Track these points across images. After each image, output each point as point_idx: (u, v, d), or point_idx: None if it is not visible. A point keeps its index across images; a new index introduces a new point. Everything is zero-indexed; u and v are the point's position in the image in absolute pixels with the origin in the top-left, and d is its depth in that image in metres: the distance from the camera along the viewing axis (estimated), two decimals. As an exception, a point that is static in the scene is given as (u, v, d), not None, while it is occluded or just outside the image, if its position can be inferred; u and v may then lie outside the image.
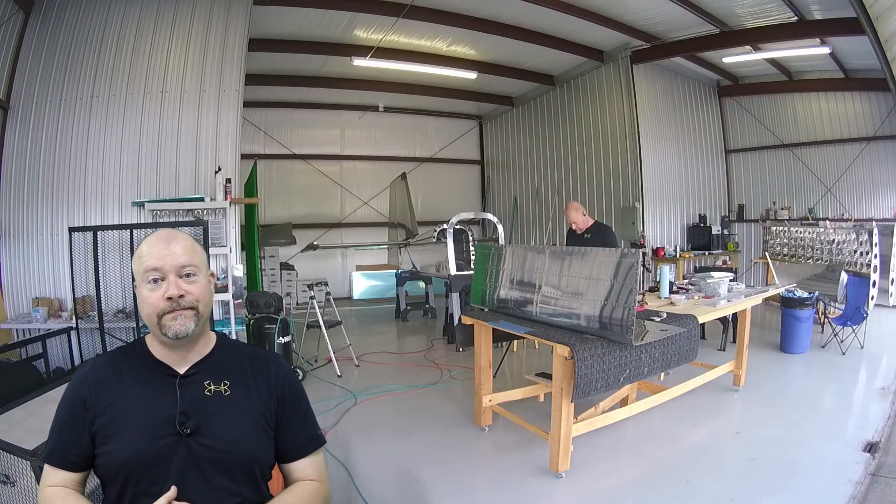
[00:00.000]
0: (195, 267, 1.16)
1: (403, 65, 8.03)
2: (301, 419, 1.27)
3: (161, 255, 1.13)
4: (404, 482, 2.97)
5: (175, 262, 1.13)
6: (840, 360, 4.94)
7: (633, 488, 2.82)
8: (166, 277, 1.12)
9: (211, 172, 4.99)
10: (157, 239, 1.16)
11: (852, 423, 3.60)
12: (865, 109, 8.23)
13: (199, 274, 1.17)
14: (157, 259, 1.12)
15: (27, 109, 4.98)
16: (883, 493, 2.58)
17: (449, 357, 5.70)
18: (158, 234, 1.17)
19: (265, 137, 10.15)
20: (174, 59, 5.21)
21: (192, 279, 1.15)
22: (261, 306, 4.66)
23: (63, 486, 1.11)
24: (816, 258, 6.35)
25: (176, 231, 1.20)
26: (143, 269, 1.13)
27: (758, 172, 9.59)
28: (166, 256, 1.12)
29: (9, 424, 2.36)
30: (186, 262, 1.14)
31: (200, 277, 1.17)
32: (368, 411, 4.13)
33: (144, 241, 1.18)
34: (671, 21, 7.06)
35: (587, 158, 9.16)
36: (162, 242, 1.14)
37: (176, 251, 1.14)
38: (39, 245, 4.93)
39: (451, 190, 11.64)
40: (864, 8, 4.46)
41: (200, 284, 1.16)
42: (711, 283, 4.20)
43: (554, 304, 3.09)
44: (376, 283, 10.17)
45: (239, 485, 1.14)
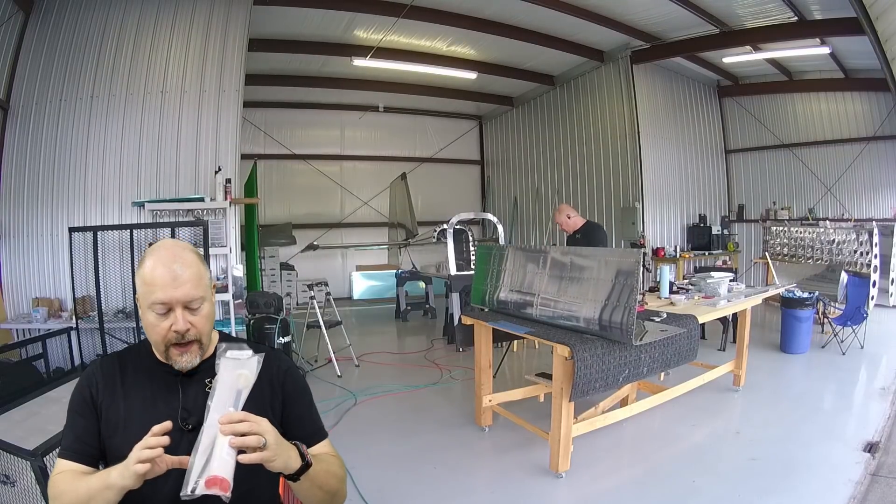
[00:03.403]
0: (202, 298, 1.17)
1: (403, 65, 8.03)
2: (306, 409, 1.29)
3: (169, 289, 1.12)
4: (404, 482, 2.97)
5: (183, 297, 1.13)
6: (840, 360, 4.94)
7: (633, 488, 2.82)
8: (174, 309, 1.14)
9: (211, 172, 4.99)
10: (162, 267, 1.13)
11: (852, 423, 3.61)
12: (865, 109, 8.22)
13: (204, 302, 1.18)
14: (164, 292, 1.12)
15: (27, 109, 4.98)
16: (883, 493, 2.58)
17: (449, 357, 5.70)
18: (163, 258, 1.15)
19: (265, 137, 10.15)
20: (174, 59, 5.21)
21: (198, 310, 1.17)
22: (261, 306, 4.66)
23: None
24: (816, 258, 6.35)
25: (181, 249, 1.18)
26: (151, 300, 1.13)
27: (758, 172, 9.58)
28: (175, 290, 1.12)
29: (9, 424, 2.36)
30: (194, 295, 1.15)
31: (206, 305, 1.18)
32: (368, 411, 4.13)
33: (149, 262, 1.15)
34: (671, 21, 7.06)
35: (587, 158, 9.16)
36: (169, 273, 1.13)
37: (183, 282, 1.13)
38: (39, 245, 4.93)
39: (451, 190, 11.63)
40: (864, 8, 4.46)
41: (205, 313, 1.18)
42: (711, 283, 4.20)
43: (554, 305, 3.09)
44: (376, 284, 10.16)
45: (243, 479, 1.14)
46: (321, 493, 1.17)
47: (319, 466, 1.15)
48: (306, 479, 1.11)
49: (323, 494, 1.17)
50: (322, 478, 1.16)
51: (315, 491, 1.15)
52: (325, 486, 1.17)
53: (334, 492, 1.21)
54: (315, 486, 1.14)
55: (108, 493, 1.00)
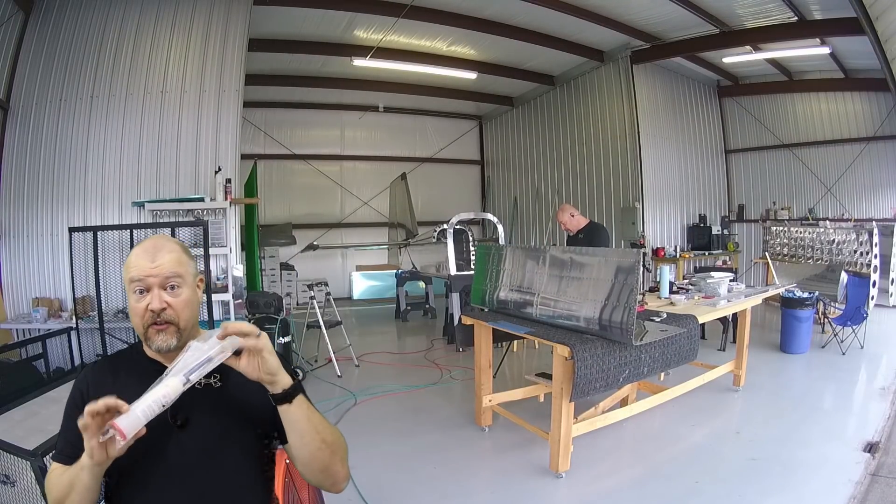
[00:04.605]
0: (180, 278, 1.18)
1: (403, 65, 8.03)
2: None
3: (145, 268, 1.15)
4: (404, 482, 2.97)
5: (159, 274, 1.15)
6: (840, 360, 4.94)
7: (634, 488, 2.82)
8: (150, 289, 1.16)
9: (211, 172, 4.99)
10: (142, 251, 1.18)
11: (852, 423, 3.61)
12: (865, 109, 8.22)
13: (183, 286, 1.19)
14: (139, 270, 1.15)
15: (27, 109, 4.98)
16: (883, 493, 2.58)
17: (449, 357, 5.70)
18: (145, 246, 1.19)
19: (265, 137, 10.15)
20: (174, 59, 5.21)
21: (176, 292, 1.18)
22: (261, 306, 4.66)
23: None
24: (816, 258, 6.35)
25: (166, 240, 1.22)
26: (129, 279, 1.16)
27: (758, 172, 9.58)
28: (150, 269, 1.15)
29: (9, 424, 2.36)
30: (171, 272, 1.16)
31: (184, 290, 1.19)
32: (368, 411, 4.13)
33: (133, 251, 1.20)
34: (671, 21, 7.06)
35: (587, 158, 9.16)
36: (147, 255, 1.17)
37: (161, 263, 1.16)
38: (39, 245, 4.93)
39: (451, 190, 11.63)
40: (864, 8, 4.46)
41: (184, 297, 1.18)
42: (711, 283, 4.20)
43: (554, 305, 3.08)
44: (376, 284, 10.16)
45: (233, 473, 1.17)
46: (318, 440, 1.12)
47: (313, 410, 1.13)
48: (301, 408, 1.09)
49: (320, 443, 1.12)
50: (318, 420, 1.13)
51: (310, 431, 1.11)
52: (323, 433, 1.13)
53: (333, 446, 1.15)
54: (311, 424, 1.11)
55: (83, 474, 1.00)
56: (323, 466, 1.15)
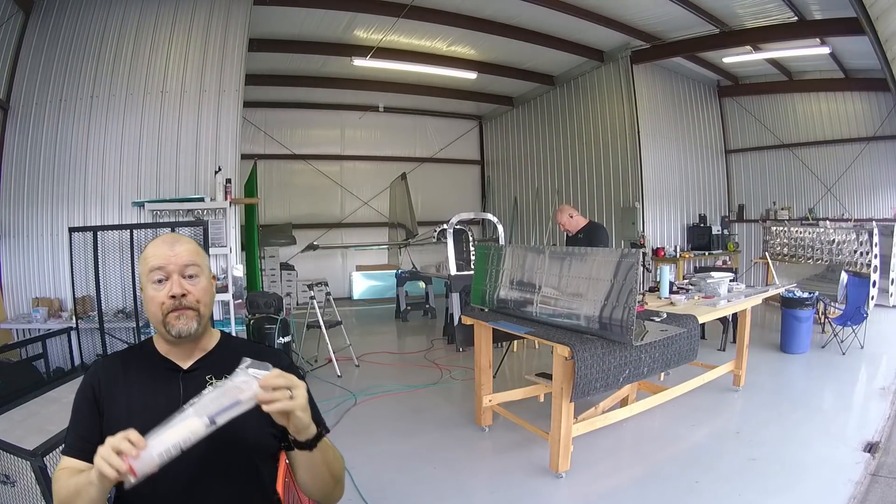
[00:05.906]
0: (198, 267, 1.22)
1: (403, 65, 8.03)
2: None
3: (165, 256, 1.19)
4: (404, 482, 2.97)
5: (178, 262, 1.19)
6: (840, 360, 4.94)
7: (634, 488, 2.83)
8: (170, 277, 1.19)
9: (211, 172, 4.99)
10: (161, 241, 1.23)
11: (852, 423, 3.61)
12: (865, 109, 8.22)
13: (201, 275, 1.23)
14: (160, 259, 1.19)
15: (27, 109, 4.98)
16: (883, 493, 2.58)
17: (449, 357, 5.70)
18: (163, 238, 1.25)
19: (265, 137, 10.15)
20: (174, 59, 5.21)
21: (195, 280, 1.21)
22: (261, 306, 4.66)
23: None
24: (816, 258, 6.35)
25: (180, 235, 1.27)
26: (148, 268, 1.20)
27: (758, 172, 9.58)
28: (170, 257, 1.19)
29: (9, 424, 2.35)
30: (189, 261, 1.21)
31: (202, 279, 1.23)
32: (368, 411, 4.13)
33: (150, 244, 1.25)
34: (671, 21, 7.06)
35: (587, 158, 9.16)
36: (166, 245, 1.21)
37: (179, 252, 1.20)
38: (39, 245, 4.93)
39: (451, 190, 11.63)
40: (864, 8, 4.46)
41: (202, 286, 1.22)
42: (711, 283, 4.20)
43: (554, 305, 3.09)
44: (376, 284, 10.17)
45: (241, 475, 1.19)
46: (328, 476, 1.18)
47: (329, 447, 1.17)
48: (320, 450, 1.12)
49: (329, 478, 1.18)
50: (332, 458, 1.18)
51: (324, 470, 1.16)
52: (333, 469, 1.19)
53: (338, 479, 1.22)
54: (325, 464, 1.16)
55: (90, 488, 1.00)
56: (324, 494, 1.22)
